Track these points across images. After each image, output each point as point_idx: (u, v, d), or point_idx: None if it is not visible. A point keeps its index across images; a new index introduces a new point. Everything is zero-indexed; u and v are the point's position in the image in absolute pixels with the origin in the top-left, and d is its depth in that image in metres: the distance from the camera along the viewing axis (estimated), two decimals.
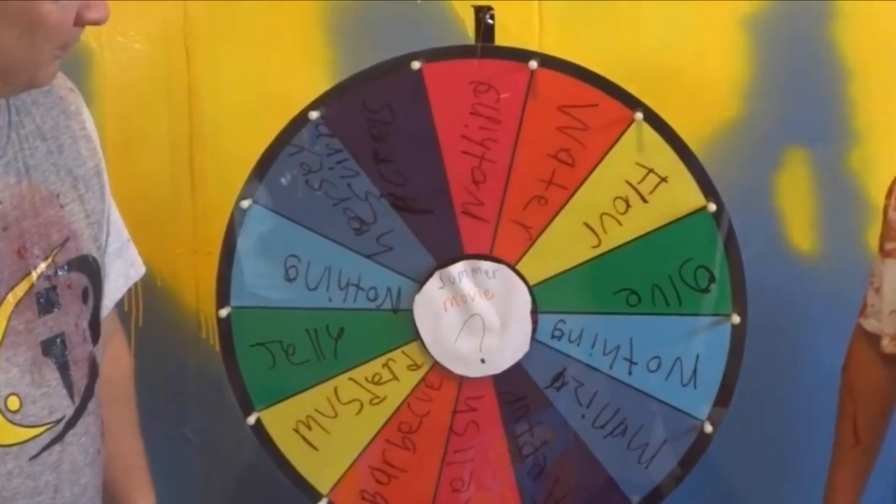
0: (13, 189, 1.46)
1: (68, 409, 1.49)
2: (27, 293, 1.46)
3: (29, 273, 1.46)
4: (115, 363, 1.76)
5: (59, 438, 1.49)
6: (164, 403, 1.80)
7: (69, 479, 1.51)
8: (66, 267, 1.51)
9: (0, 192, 1.44)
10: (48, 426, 1.47)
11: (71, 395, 1.50)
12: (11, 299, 1.44)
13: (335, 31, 2.29)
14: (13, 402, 1.43)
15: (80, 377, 1.52)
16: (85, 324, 1.54)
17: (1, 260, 1.44)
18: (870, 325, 1.89)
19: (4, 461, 1.44)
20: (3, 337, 1.44)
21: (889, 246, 1.83)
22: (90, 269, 1.55)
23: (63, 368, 1.50)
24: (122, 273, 1.73)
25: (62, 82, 1.61)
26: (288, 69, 2.31)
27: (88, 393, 1.54)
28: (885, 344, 1.85)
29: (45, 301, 1.48)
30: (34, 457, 1.46)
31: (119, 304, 1.70)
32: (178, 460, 2.33)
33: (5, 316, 1.44)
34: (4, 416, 1.43)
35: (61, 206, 1.50)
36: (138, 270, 1.78)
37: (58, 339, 1.50)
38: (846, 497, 1.95)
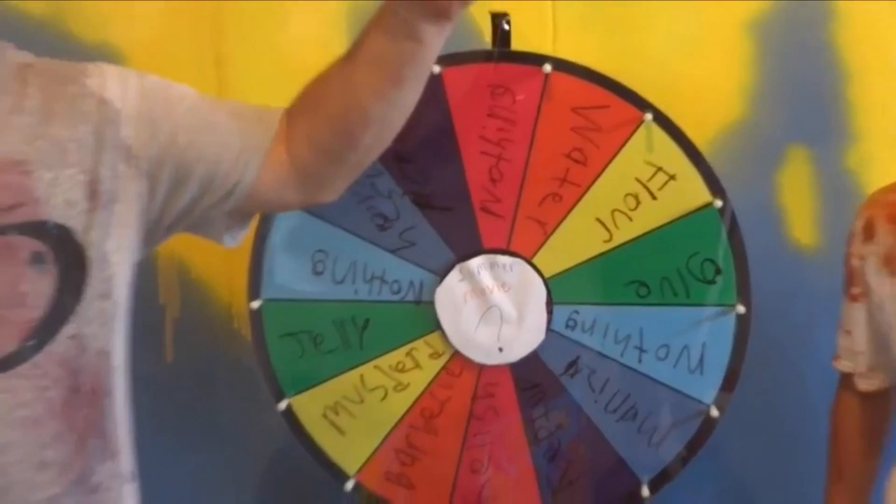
0: None
1: None
2: None
3: None
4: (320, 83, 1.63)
5: None
6: (198, 392, 1.82)
7: None
8: (8, 229, 1.45)
9: None
10: None
11: None
12: None
13: (354, 20, 2.28)
14: None
15: (6, 338, 1.44)
16: (26, 289, 1.46)
17: None
18: (843, 366, 1.91)
19: None
20: None
21: (854, 290, 1.86)
22: (49, 235, 1.47)
23: None
24: (261, 127, 1.62)
25: (76, 67, 1.58)
26: (317, 50, 2.26)
27: (18, 358, 1.45)
28: (858, 383, 1.89)
29: None
30: None
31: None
32: (211, 447, 2.34)
33: None
34: None
35: (25, 174, 1.46)
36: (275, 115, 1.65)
37: None
38: None
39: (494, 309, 1.98)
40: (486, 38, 2.04)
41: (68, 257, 1.48)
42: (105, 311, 1.52)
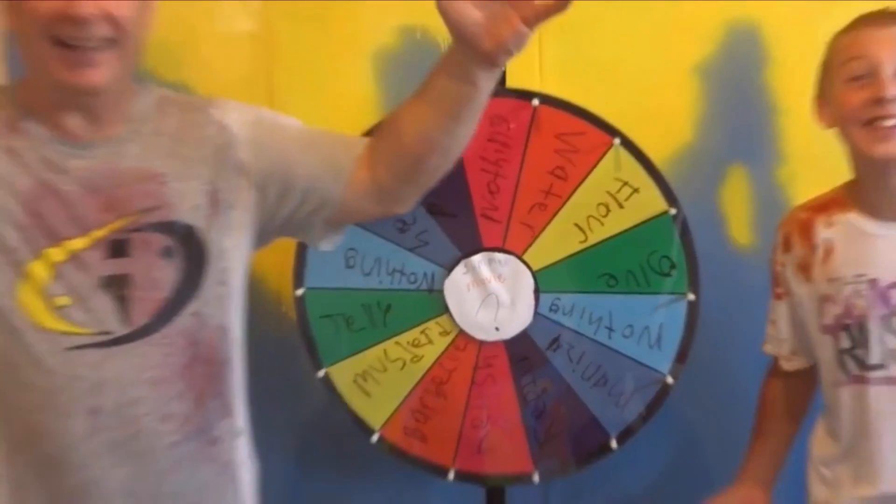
0: (114, 170, 1.51)
1: (117, 330, 1.48)
2: (102, 238, 1.48)
3: (106, 224, 1.49)
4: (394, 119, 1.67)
5: (100, 346, 1.47)
6: (253, 364, 1.81)
7: (112, 385, 1.48)
8: (145, 228, 1.51)
9: (99, 173, 1.50)
10: (89, 333, 1.47)
11: (124, 322, 1.49)
12: (85, 240, 1.48)
13: (389, 75, 2.27)
14: (62, 301, 1.46)
15: (140, 313, 1.50)
16: (162, 274, 1.52)
17: (88, 212, 1.48)
18: (769, 349, 1.92)
19: (39, 340, 1.46)
20: (73, 258, 1.47)
21: (778, 290, 1.87)
22: (177, 231, 1.53)
23: (120, 300, 1.49)
24: (346, 151, 1.65)
25: (207, 101, 1.65)
26: (359, 88, 2.27)
27: (150, 329, 1.51)
28: (782, 364, 1.91)
29: (115, 248, 1.50)
30: (70, 348, 1.46)
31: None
32: (262, 408, 2.26)
33: (80, 246, 1.48)
34: (49, 305, 1.46)
35: (161, 183, 1.52)
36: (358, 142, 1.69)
37: (122, 279, 1.49)
38: (753, 466, 1.94)
39: (492, 296, 2.02)
40: None
41: (192, 251, 1.54)
42: (221, 295, 1.57)
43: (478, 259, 2.02)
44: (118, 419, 1.49)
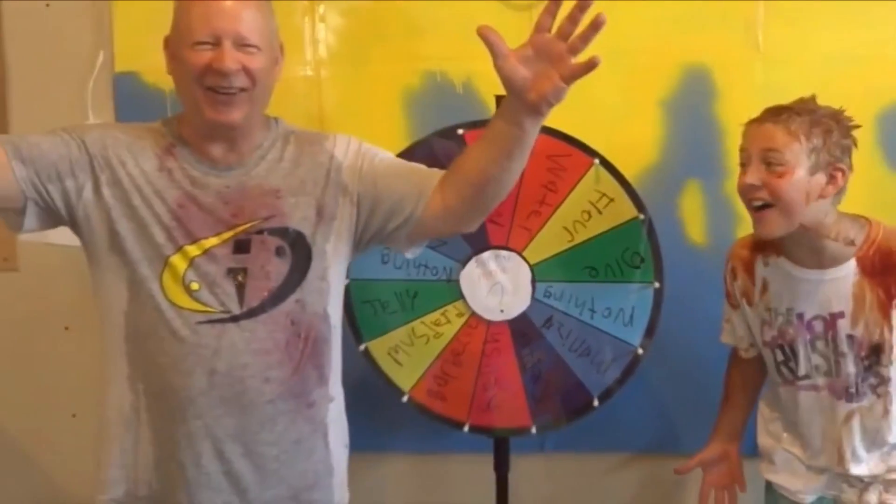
0: (243, 186, 1.56)
1: (235, 310, 1.53)
2: (229, 238, 1.54)
3: (234, 227, 1.54)
4: (461, 161, 1.63)
5: (221, 322, 1.53)
6: None
7: (227, 353, 1.53)
8: (264, 231, 1.57)
9: (232, 188, 1.56)
10: (215, 311, 1.53)
11: (240, 303, 1.54)
12: (216, 239, 1.53)
13: (415, 110, 2.26)
14: (195, 286, 1.52)
15: (253, 297, 1.55)
16: (274, 268, 1.57)
17: (220, 218, 1.54)
18: (727, 340, 1.91)
19: (177, 317, 1.52)
20: (205, 253, 1.53)
21: (731, 301, 1.87)
22: (288, 235, 1.58)
23: (239, 287, 1.55)
24: (422, 180, 1.63)
25: (322, 135, 1.69)
26: (391, 120, 2.27)
27: (259, 310, 1.55)
28: (741, 353, 1.90)
29: (239, 247, 1.55)
30: (199, 322, 1.52)
31: None
32: None
33: (212, 244, 1.53)
34: (185, 289, 1.52)
35: (277, 197, 1.57)
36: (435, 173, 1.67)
37: (242, 270, 1.55)
38: (723, 424, 1.93)
39: (498, 285, 2.01)
40: (492, 110, 1.99)
41: (300, 251, 1.59)
42: (321, 289, 1.61)
43: (486, 255, 2.01)
44: (229, 379, 1.53)
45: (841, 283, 1.67)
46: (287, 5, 2.21)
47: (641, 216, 1.97)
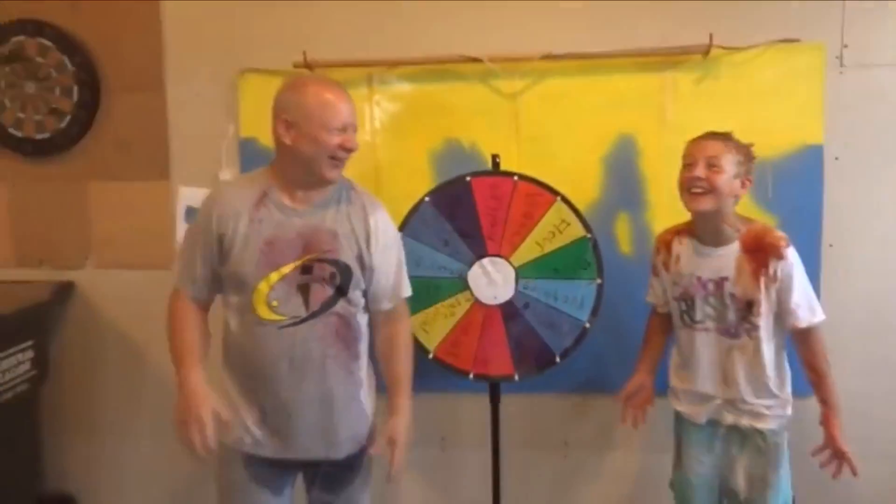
0: (314, 227, 1.57)
1: (301, 314, 1.55)
2: (300, 265, 1.55)
3: (303, 256, 1.55)
4: (393, 329, 1.71)
5: (295, 324, 1.55)
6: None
7: (301, 344, 1.55)
8: (323, 260, 1.56)
9: (306, 227, 1.56)
10: (290, 317, 1.55)
11: (305, 308, 1.55)
12: (291, 266, 1.54)
13: (438, 165, 2.24)
14: (276, 303, 1.54)
15: (315, 303, 1.56)
16: (329, 288, 1.56)
17: (295, 250, 1.55)
18: (650, 300, 1.94)
19: (266, 326, 1.55)
20: (283, 278, 1.53)
21: (655, 271, 1.89)
22: (339, 265, 1.58)
23: (305, 297, 1.55)
24: (390, 294, 1.69)
25: (371, 201, 1.66)
26: (422, 171, 2.23)
27: (318, 312, 1.56)
28: (659, 309, 1.92)
29: (305, 270, 1.55)
30: (281, 327, 1.55)
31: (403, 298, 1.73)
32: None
33: (288, 269, 1.54)
34: (269, 307, 1.54)
35: (335, 238, 1.58)
36: (401, 294, 1.72)
37: (306, 285, 1.55)
38: (643, 361, 1.92)
39: (493, 280, 2.01)
40: (488, 163, 2.06)
41: (344, 276, 1.61)
42: (355, 303, 1.63)
43: (485, 261, 2.02)
44: (303, 360, 1.58)
45: (729, 257, 1.72)
46: (354, 91, 2.03)
47: (589, 235, 1.98)
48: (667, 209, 2.07)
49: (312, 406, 1.60)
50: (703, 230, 1.76)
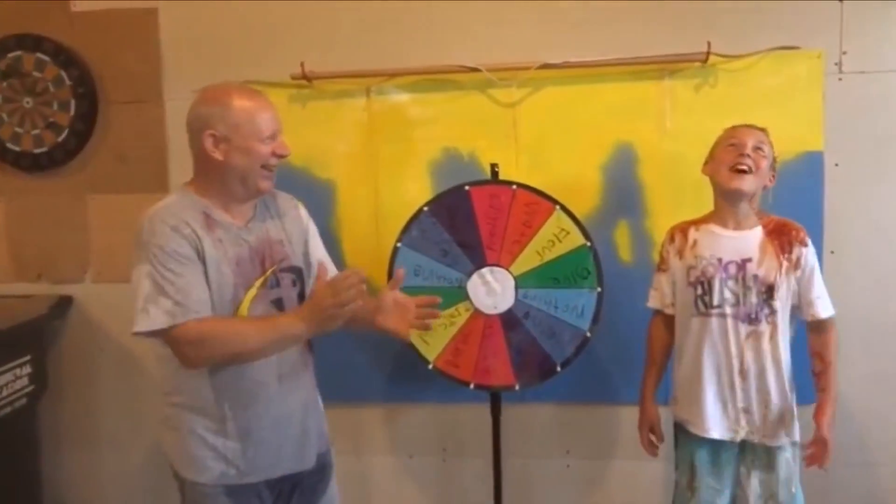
0: (261, 240, 1.51)
1: None
2: (266, 280, 1.50)
3: (265, 271, 1.50)
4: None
5: None
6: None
7: (286, 359, 1.50)
8: (283, 270, 1.54)
9: (256, 242, 1.50)
10: None
11: None
12: (259, 281, 1.49)
13: (437, 175, 2.24)
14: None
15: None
16: (294, 294, 1.55)
17: (255, 266, 1.49)
18: (652, 304, 1.89)
19: None
20: (255, 297, 1.47)
21: (663, 266, 1.87)
22: (295, 270, 1.57)
23: (281, 310, 1.50)
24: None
25: (288, 200, 1.64)
26: (422, 180, 2.24)
27: None
28: (666, 311, 1.86)
29: (273, 283, 1.51)
30: None
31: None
32: (362, 352, 2.30)
33: (257, 287, 1.48)
34: None
35: (282, 245, 1.55)
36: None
37: (279, 300, 1.51)
38: (650, 388, 1.89)
39: (493, 290, 2.00)
40: (487, 172, 2.06)
41: (300, 280, 1.59)
42: None
43: (485, 270, 2.01)
44: (290, 373, 1.54)
45: (752, 239, 1.73)
46: (351, 102, 2.26)
47: (588, 244, 1.98)
48: (666, 217, 2.07)
49: (297, 415, 1.58)
50: (730, 213, 1.76)
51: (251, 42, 2.33)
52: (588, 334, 1.99)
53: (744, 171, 1.70)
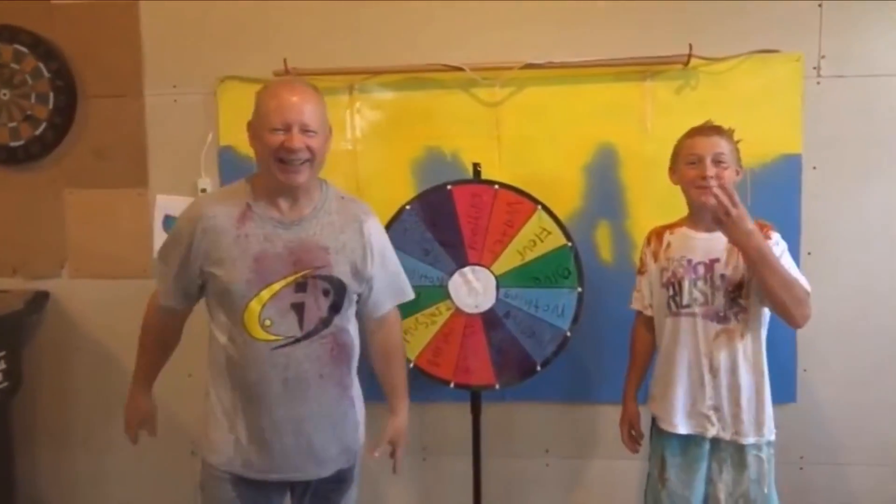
0: (303, 241, 1.51)
1: (296, 334, 1.50)
2: (292, 281, 1.49)
3: (295, 273, 1.50)
4: (388, 334, 1.72)
5: (289, 345, 1.50)
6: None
7: (294, 364, 1.51)
8: (317, 276, 1.51)
9: (294, 242, 1.51)
10: (284, 338, 1.50)
11: (300, 328, 1.50)
12: (283, 282, 1.48)
13: (419, 173, 2.22)
14: (269, 322, 1.48)
15: (308, 324, 1.51)
16: (323, 304, 1.52)
17: (286, 266, 1.49)
18: (635, 306, 1.90)
19: (258, 346, 1.49)
20: (274, 296, 1.48)
21: (642, 269, 1.88)
22: (332, 281, 1.53)
23: (299, 316, 1.50)
24: (392, 298, 1.70)
25: (361, 210, 1.62)
26: (403, 179, 2.22)
27: (314, 332, 1.52)
28: (646, 312, 1.87)
29: (299, 287, 1.50)
30: (273, 349, 1.49)
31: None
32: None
33: (279, 287, 1.48)
34: (262, 326, 1.48)
35: (326, 253, 1.53)
36: (405, 296, 1.73)
37: (301, 304, 1.50)
38: (632, 386, 1.91)
39: (474, 289, 2.01)
40: (469, 172, 2.08)
41: (338, 292, 1.56)
42: (347, 317, 1.60)
43: (466, 269, 2.02)
44: (297, 380, 1.53)
45: (721, 239, 1.68)
46: (335, 99, 2.24)
47: (569, 244, 1.99)
48: (647, 218, 2.08)
49: (306, 425, 1.56)
50: (700, 217, 1.76)
51: (233, 38, 2.31)
52: (568, 334, 2.00)
53: (707, 190, 1.66)
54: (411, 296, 1.75)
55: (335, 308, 1.56)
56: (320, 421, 1.57)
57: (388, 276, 1.68)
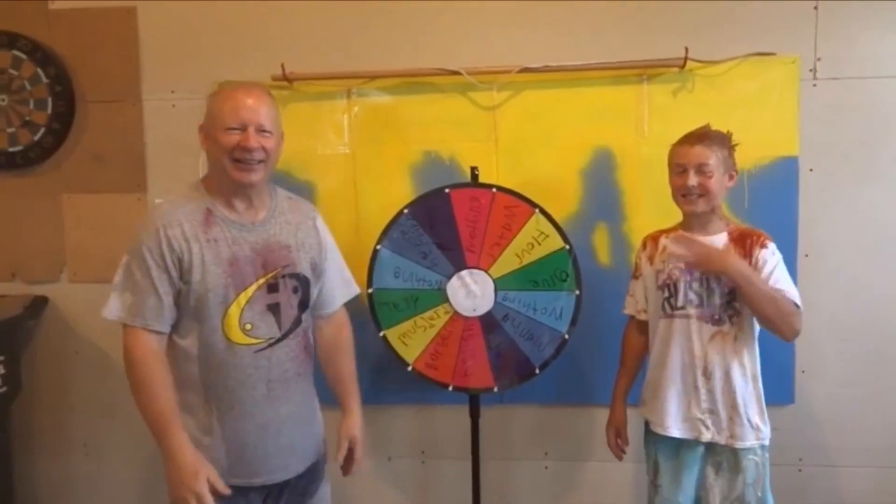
0: (266, 242, 1.52)
1: (276, 335, 1.52)
2: (263, 283, 1.50)
3: (266, 274, 1.51)
4: (338, 331, 1.73)
5: (270, 346, 1.51)
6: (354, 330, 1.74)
7: (276, 365, 1.52)
8: (285, 276, 1.53)
9: (259, 243, 1.51)
10: (265, 340, 1.51)
11: (279, 329, 1.52)
12: (255, 285, 1.49)
13: (417, 177, 2.23)
14: (249, 326, 1.48)
15: (286, 322, 1.54)
16: (294, 302, 1.55)
17: (255, 268, 1.50)
18: (629, 311, 1.91)
19: (241, 351, 1.49)
20: (250, 299, 1.48)
21: (637, 273, 1.88)
22: (300, 278, 1.57)
23: (277, 317, 1.52)
24: (343, 291, 1.71)
25: (309, 208, 1.66)
26: (401, 183, 2.24)
27: (290, 331, 1.54)
28: (640, 316, 1.88)
29: (271, 288, 1.51)
30: (256, 351, 1.50)
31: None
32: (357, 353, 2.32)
33: (253, 289, 1.48)
34: (243, 331, 1.48)
35: (289, 251, 1.55)
36: (353, 291, 1.75)
37: (276, 305, 1.52)
38: (621, 391, 1.92)
39: (472, 292, 2.01)
40: (467, 175, 2.06)
41: (304, 289, 1.59)
42: (309, 314, 1.62)
43: (464, 273, 2.02)
44: (280, 381, 1.55)
45: (716, 243, 1.71)
46: (331, 104, 2.26)
47: (567, 247, 1.99)
48: (644, 220, 2.10)
49: (286, 425, 1.57)
50: (695, 223, 1.77)
51: (231, 42, 2.32)
52: (566, 336, 2.00)
53: (692, 199, 1.71)
54: (357, 291, 1.77)
55: (303, 305, 1.59)
56: (299, 418, 1.59)
57: (336, 270, 1.70)
